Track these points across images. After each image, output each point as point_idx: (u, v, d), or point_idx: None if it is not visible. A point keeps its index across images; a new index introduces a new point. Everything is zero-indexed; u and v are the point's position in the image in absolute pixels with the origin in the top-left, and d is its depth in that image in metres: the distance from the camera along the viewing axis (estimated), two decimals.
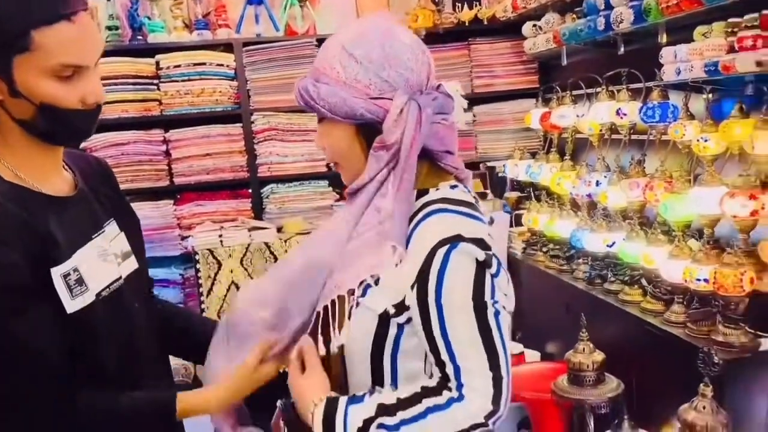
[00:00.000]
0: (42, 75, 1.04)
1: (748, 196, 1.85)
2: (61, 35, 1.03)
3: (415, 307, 1.03)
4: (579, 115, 2.94)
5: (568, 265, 2.73)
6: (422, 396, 1.02)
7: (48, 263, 1.08)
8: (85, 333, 1.12)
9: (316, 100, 1.09)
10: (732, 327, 1.78)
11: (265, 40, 3.49)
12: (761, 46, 1.94)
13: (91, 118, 1.13)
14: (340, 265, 1.10)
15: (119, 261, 1.23)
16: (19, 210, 1.07)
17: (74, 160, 1.27)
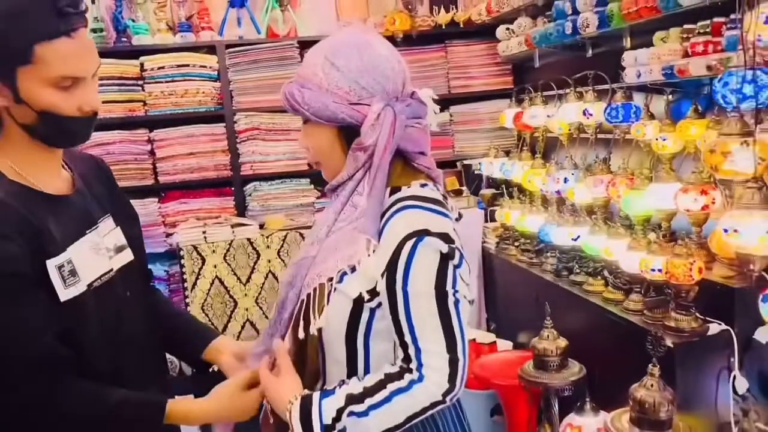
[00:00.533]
0: (43, 85, 1.13)
1: (700, 191, 1.97)
2: (60, 50, 1.12)
3: (384, 293, 1.12)
4: (549, 115, 3.06)
5: (538, 259, 2.85)
6: (386, 382, 1.12)
7: (44, 255, 1.16)
8: (76, 320, 1.20)
9: (300, 104, 1.17)
10: (683, 313, 1.91)
11: (247, 42, 3.58)
12: (711, 51, 2.07)
13: (87, 124, 1.22)
14: (320, 257, 1.21)
15: (112, 254, 1.31)
16: (20, 206, 1.16)
17: (73, 160, 1.35)
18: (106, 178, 1.42)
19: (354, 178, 1.20)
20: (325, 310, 1.15)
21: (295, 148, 3.64)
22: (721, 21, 2.05)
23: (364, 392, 1.12)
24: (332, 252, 1.19)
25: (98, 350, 1.24)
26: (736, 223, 1.42)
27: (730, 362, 1.86)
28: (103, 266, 1.28)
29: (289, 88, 1.20)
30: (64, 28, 1.11)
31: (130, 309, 1.33)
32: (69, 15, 1.12)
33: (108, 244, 1.31)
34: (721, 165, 1.53)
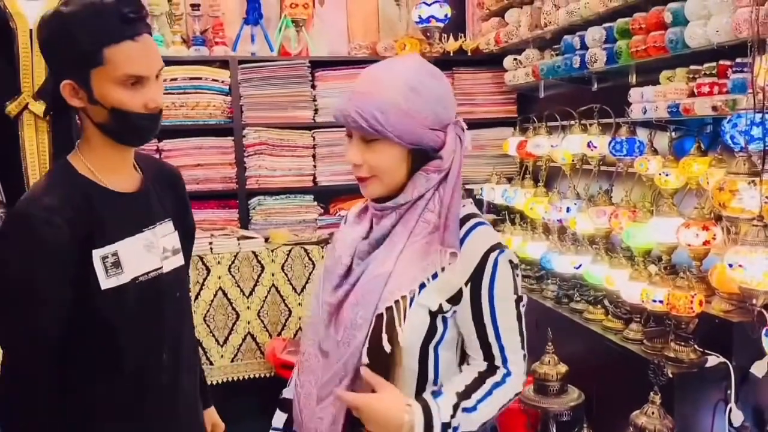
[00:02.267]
0: (112, 84, 1.26)
1: (702, 227, 2.04)
2: (126, 52, 1.24)
3: (467, 300, 1.22)
4: (553, 145, 3.13)
5: (538, 285, 2.91)
6: (484, 377, 1.25)
7: (91, 245, 1.27)
8: (114, 308, 1.29)
9: (384, 125, 1.21)
10: (682, 344, 1.96)
11: (260, 59, 3.65)
12: (717, 92, 2.15)
13: (153, 120, 1.32)
14: (396, 273, 1.25)
15: (168, 255, 1.41)
16: (80, 200, 1.28)
17: (147, 164, 1.47)
18: (175, 185, 1.53)
19: (425, 197, 1.27)
20: (407, 323, 1.22)
21: (301, 164, 3.70)
22: (726, 64, 2.13)
23: (468, 389, 1.24)
24: (408, 266, 1.25)
25: (133, 341, 1.33)
26: (742, 258, 1.48)
27: (726, 394, 1.91)
28: (153, 264, 1.37)
29: (367, 110, 1.21)
30: (129, 32, 1.25)
31: (177, 309, 1.43)
32: (132, 21, 1.25)
33: (165, 244, 1.41)
34: (728, 202, 1.60)
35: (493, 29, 3.69)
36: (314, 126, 3.71)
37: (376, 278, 1.25)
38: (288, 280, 3.27)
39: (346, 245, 1.33)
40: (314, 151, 3.72)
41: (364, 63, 3.74)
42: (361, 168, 1.27)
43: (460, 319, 1.25)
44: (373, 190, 1.29)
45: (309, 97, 3.69)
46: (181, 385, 1.42)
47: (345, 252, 1.32)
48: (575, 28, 2.94)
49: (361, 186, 1.30)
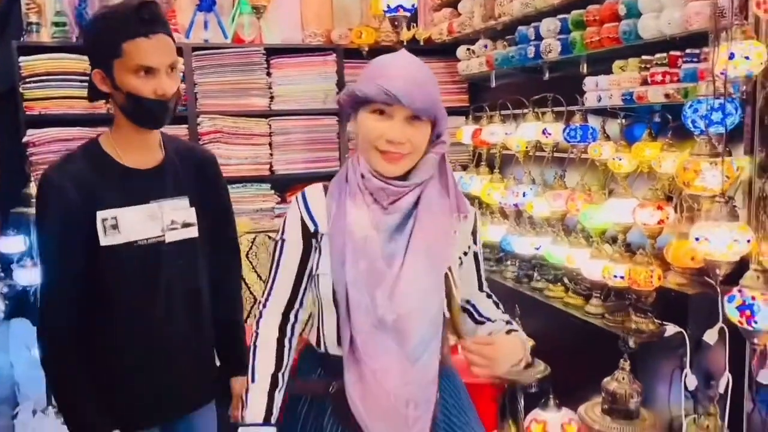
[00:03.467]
0: (128, 73, 1.50)
1: (656, 207, 2.18)
2: (139, 46, 1.48)
3: (471, 251, 1.49)
4: (507, 133, 3.25)
5: (498, 267, 3.02)
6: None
7: (95, 207, 1.53)
8: (113, 263, 1.56)
9: (436, 107, 1.36)
10: (642, 317, 2.10)
11: (214, 46, 3.61)
12: (669, 81, 2.30)
13: (161, 105, 1.54)
14: (442, 242, 1.39)
15: (176, 227, 1.62)
16: (92, 169, 1.55)
17: (178, 148, 1.72)
18: (203, 168, 1.77)
19: (434, 174, 1.41)
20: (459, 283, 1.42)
21: (258, 152, 3.69)
22: (677, 54, 2.28)
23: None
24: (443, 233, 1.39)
25: (132, 293, 1.59)
26: (707, 232, 1.61)
27: (682, 361, 2.06)
28: (154, 232, 1.60)
29: (423, 89, 1.33)
30: (144, 31, 1.48)
31: (179, 273, 1.64)
32: (148, 22, 1.49)
33: (174, 217, 1.62)
34: (692, 181, 1.72)
35: (445, 19, 3.77)
36: (270, 114, 3.71)
37: (429, 246, 1.36)
38: (253, 268, 3.27)
39: (365, 225, 1.36)
40: (270, 139, 3.72)
41: (319, 51, 3.78)
42: (404, 145, 1.33)
43: (466, 269, 1.48)
44: (404, 167, 1.36)
45: (264, 85, 3.68)
46: (174, 336, 1.64)
47: (369, 231, 1.36)
48: (529, 19, 3.05)
49: (393, 163, 1.34)
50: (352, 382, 1.34)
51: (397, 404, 1.33)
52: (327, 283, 1.39)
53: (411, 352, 1.34)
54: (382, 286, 1.33)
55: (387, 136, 1.32)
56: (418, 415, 1.34)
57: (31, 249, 3.30)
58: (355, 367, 1.34)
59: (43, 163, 3.34)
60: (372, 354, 1.33)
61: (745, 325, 1.49)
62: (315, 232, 1.41)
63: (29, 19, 3.38)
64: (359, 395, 1.33)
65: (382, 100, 1.31)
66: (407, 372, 1.34)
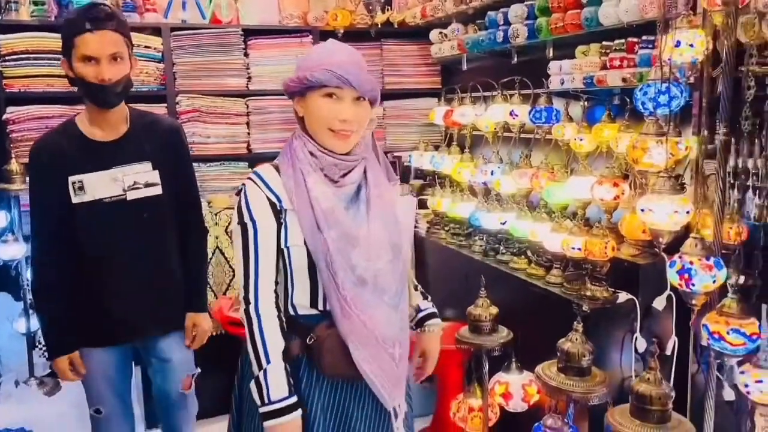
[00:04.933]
0: (78, 61, 1.91)
1: (612, 184, 2.33)
2: (85, 40, 1.89)
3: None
4: (477, 114, 3.38)
5: (467, 242, 3.17)
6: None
7: (66, 173, 1.97)
8: (83, 216, 1.99)
9: (377, 89, 1.54)
10: (597, 285, 2.27)
11: (192, 27, 3.69)
12: (626, 66, 2.45)
13: (104, 89, 1.92)
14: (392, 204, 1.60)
15: (139, 187, 2.02)
16: (65, 143, 1.99)
17: (144, 121, 2.11)
18: (166, 137, 2.13)
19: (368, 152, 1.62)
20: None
21: (235, 131, 3.79)
22: (634, 41, 2.43)
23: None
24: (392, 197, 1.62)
25: (101, 240, 2.02)
26: (651, 204, 1.76)
27: (633, 326, 2.23)
28: (116, 191, 2.01)
29: (368, 74, 1.53)
30: (89, 27, 1.88)
31: (143, 224, 2.05)
32: (93, 20, 1.89)
33: (136, 179, 2.03)
34: (641, 158, 1.88)
35: (419, 3, 3.87)
36: (248, 94, 3.80)
37: (386, 208, 1.56)
38: (231, 243, 3.37)
39: (328, 196, 1.51)
40: (248, 119, 3.82)
41: (295, 32, 3.87)
42: (353, 124, 1.49)
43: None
44: (351, 143, 1.53)
45: (242, 65, 3.77)
46: (138, 275, 2.05)
47: (331, 202, 1.51)
48: (498, 5, 3.18)
49: (343, 141, 1.51)
50: (347, 333, 1.49)
51: (386, 346, 1.51)
52: (301, 254, 1.52)
53: (390, 301, 1.52)
54: (357, 249, 1.48)
55: (340, 116, 1.48)
56: (402, 353, 1.55)
57: (12, 224, 3.37)
58: (347, 321, 1.49)
59: (23, 140, 3.40)
60: (361, 307, 1.49)
61: (684, 287, 1.65)
62: (280, 209, 1.52)
63: None
64: (356, 343, 1.49)
65: (334, 84, 1.46)
66: (391, 318, 1.53)
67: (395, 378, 1.53)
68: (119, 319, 2.08)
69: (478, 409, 2.50)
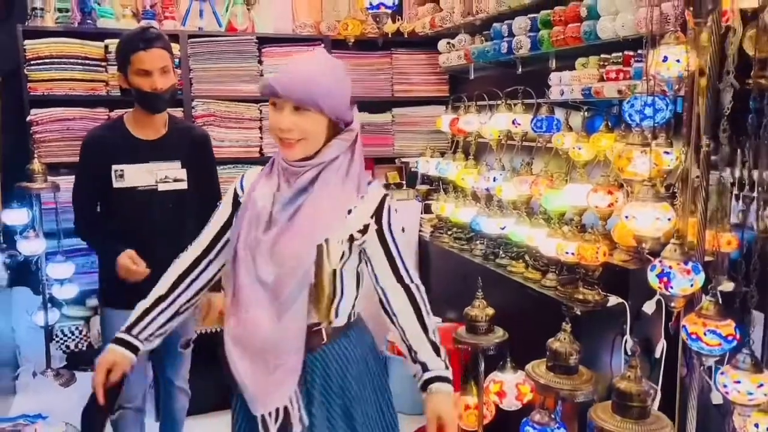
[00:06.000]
0: (134, 74, 2.28)
1: (607, 191, 2.42)
2: (139, 57, 2.26)
3: (373, 230, 1.58)
4: (482, 123, 3.48)
5: (468, 245, 3.27)
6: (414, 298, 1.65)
7: (111, 162, 2.33)
8: (122, 198, 2.36)
9: (319, 98, 1.50)
10: (589, 288, 2.35)
11: (209, 34, 3.82)
12: (622, 78, 2.54)
13: (156, 96, 2.29)
14: (323, 213, 1.55)
15: (168, 181, 2.39)
16: (115, 138, 2.37)
17: (179, 127, 2.49)
18: (195, 143, 2.50)
19: (339, 158, 1.58)
20: (333, 251, 1.55)
21: (248, 135, 3.92)
22: (630, 54, 2.53)
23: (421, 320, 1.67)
24: (331, 208, 1.55)
25: (133, 219, 2.37)
26: (635, 211, 1.85)
27: (623, 328, 2.32)
28: (149, 182, 2.38)
29: (305, 84, 1.50)
30: (142, 46, 2.25)
31: (167, 212, 2.39)
32: (145, 40, 2.26)
33: (167, 174, 2.39)
34: (625, 167, 1.97)
35: (428, 14, 3.99)
36: (261, 99, 3.92)
37: (311, 218, 1.54)
38: None
39: (266, 198, 1.58)
40: (261, 124, 3.94)
41: (308, 41, 3.99)
42: (293, 132, 1.52)
43: (370, 247, 1.59)
44: (298, 151, 1.55)
45: (256, 72, 3.90)
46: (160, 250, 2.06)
47: (266, 202, 1.57)
48: (503, 16, 3.28)
49: (287, 149, 1.54)
50: (231, 328, 1.58)
51: (264, 351, 1.53)
52: (231, 245, 1.63)
53: (280, 308, 1.53)
54: (260, 250, 1.55)
55: (278, 125, 1.52)
56: (278, 363, 1.53)
57: (33, 221, 3.51)
58: (234, 317, 1.57)
59: (46, 140, 3.56)
60: (248, 307, 1.54)
61: (664, 290, 1.73)
62: (238, 200, 1.66)
63: (34, 4, 3.58)
64: (233, 339, 1.57)
65: (267, 93, 1.52)
66: (276, 326, 1.53)
67: (268, 385, 1.54)
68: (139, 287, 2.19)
69: (474, 406, 2.59)
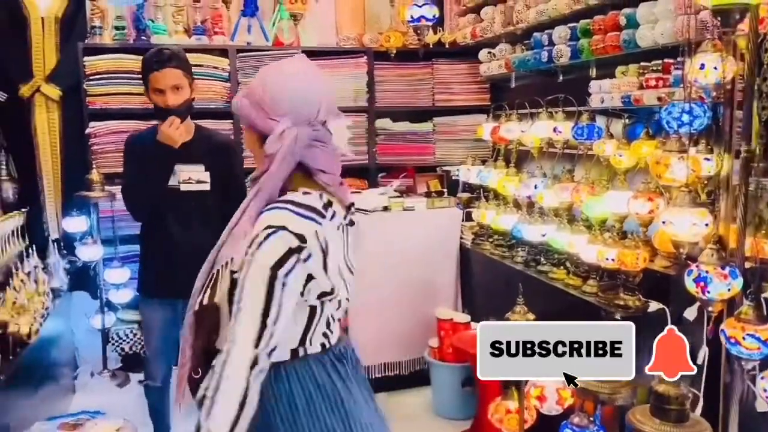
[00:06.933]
0: (150, 92, 2.61)
1: (647, 198, 2.43)
2: (154, 76, 2.57)
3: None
4: (523, 131, 3.51)
5: (509, 252, 3.30)
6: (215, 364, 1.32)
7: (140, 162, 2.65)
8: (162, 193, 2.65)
9: (237, 109, 1.44)
10: (629, 294, 2.37)
11: (256, 48, 3.96)
12: (662, 86, 2.56)
13: (168, 112, 2.58)
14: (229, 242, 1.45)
15: (191, 182, 2.66)
16: (149, 146, 2.64)
17: (204, 135, 2.79)
18: (217, 149, 2.76)
19: (260, 178, 1.42)
20: (223, 282, 1.44)
21: None
22: (670, 62, 2.54)
23: (206, 391, 1.31)
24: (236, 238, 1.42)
25: (162, 215, 2.68)
26: (672, 217, 1.87)
27: None
28: (173, 182, 2.65)
29: (236, 96, 1.49)
30: (156, 67, 2.55)
31: (189, 211, 2.67)
32: (158, 62, 2.55)
33: (190, 176, 2.66)
34: (663, 173, 1.99)
35: (469, 24, 4.05)
36: None
37: (225, 241, 1.46)
38: None
39: None
40: None
41: (351, 53, 4.10)
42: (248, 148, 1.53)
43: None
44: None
45: None
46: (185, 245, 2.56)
47: None
48: (543, 26, 3.32)
49: None
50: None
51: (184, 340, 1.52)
52: None
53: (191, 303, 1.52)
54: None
55: None
56: (182, 360, 1.51)
57: (92, 228, 3.69)
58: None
59: (103, 152, 3.74)
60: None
61: (701, 294, 1.75)
62: None
63: (93, 23, 3.77)
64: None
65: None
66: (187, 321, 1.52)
67: (177, 378, 1.55)
68: (166, 276, 2.61)
69: (515, 411, 2.62)
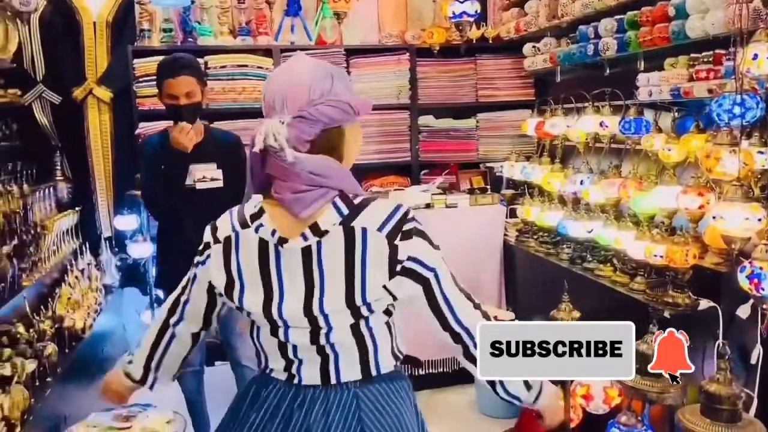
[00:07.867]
0: (165, 97, 2.74)
1: (697, 193, 2.37)
2: (168, 83, 2.70)
3: None
4: (568, 126, 3.46)
5: (554, 249, 3.26)
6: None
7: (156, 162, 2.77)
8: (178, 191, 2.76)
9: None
10: (678, 291, 2.31)
11: (300, 48, 3.99)
12: (713, 77, 2.48)
13: (180, 111, 2.72)
14: None
15: (205, 180, 2.79)
16: (163, 149, 2.78)
17: (215, 135, 2.92)
18: (230, 149, 2.86)
19: None
20: None
21: None
22: (721, 53, 2.46)
23: None
24: None
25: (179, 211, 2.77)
26: (723, 212, 1.82)
27: (715, 333, 2.26)
28: (189, 181, 2.77)
29: None
30: (170, 74, 2.70)
31: (203, 207, 2.55)
32: (172, 69, 2.70)
33: (204, 174, 2.80)
34: (714, 167, 1.94)
35: (513, 18, 4.01)
36: None
37: None
38: None
39: None
40: None
41: (394, 50, 4.10)
42: None
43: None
44: None
45: None
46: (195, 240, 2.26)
47: None
48: (589, 18, 3.26)
49: None
50: None
51: None
52: None
53: None
54: None
55: None
56: None
57: (142, 227, 3.79)
58: None
59: None
60: None
61: (755, 291, 1.70)
62: None
63: (142, 26, 3.87)
64: None
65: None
66: None
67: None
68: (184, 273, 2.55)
69: None
